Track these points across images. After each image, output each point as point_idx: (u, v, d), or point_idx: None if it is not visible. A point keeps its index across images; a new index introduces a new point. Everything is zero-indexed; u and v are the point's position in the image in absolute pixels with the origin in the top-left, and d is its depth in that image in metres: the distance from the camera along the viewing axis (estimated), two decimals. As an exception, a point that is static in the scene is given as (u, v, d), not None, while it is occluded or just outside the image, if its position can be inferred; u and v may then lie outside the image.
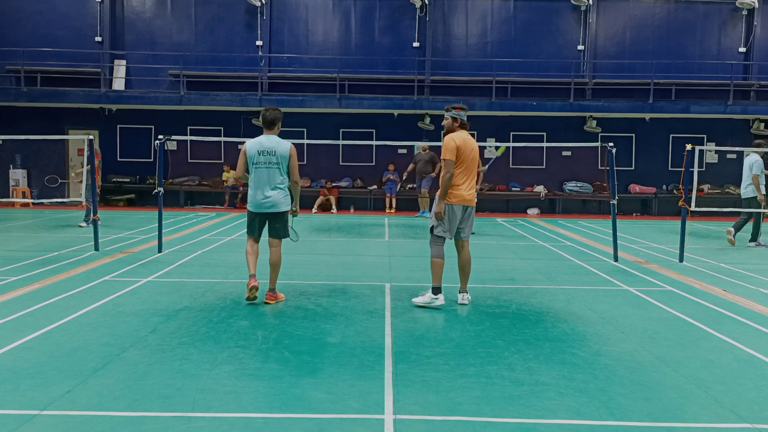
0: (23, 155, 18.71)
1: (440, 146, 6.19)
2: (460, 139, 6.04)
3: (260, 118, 6.22)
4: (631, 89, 18.98)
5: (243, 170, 6.14)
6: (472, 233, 6.65)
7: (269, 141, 6.00)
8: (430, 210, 14.93)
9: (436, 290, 6.07)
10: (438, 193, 6.09)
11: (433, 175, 16.23)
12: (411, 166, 16.93)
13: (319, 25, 19.33)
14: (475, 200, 6.27)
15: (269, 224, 6.16)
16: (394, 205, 18.08)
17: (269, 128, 6.08)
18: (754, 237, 11.37)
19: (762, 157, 11.38)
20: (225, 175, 18.48)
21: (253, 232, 6.19)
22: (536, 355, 4.62)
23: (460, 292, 6.29)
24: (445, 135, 6.20)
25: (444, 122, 6.26)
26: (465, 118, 6.22)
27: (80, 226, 12.39)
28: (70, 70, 18.49)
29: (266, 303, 6.08)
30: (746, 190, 11.36)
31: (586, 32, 19.07)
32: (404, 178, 17.63)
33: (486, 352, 4.68)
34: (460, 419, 3.44)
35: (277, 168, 5.98)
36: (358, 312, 5.86)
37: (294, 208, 6.26)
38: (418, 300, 6.12)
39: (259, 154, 5.98)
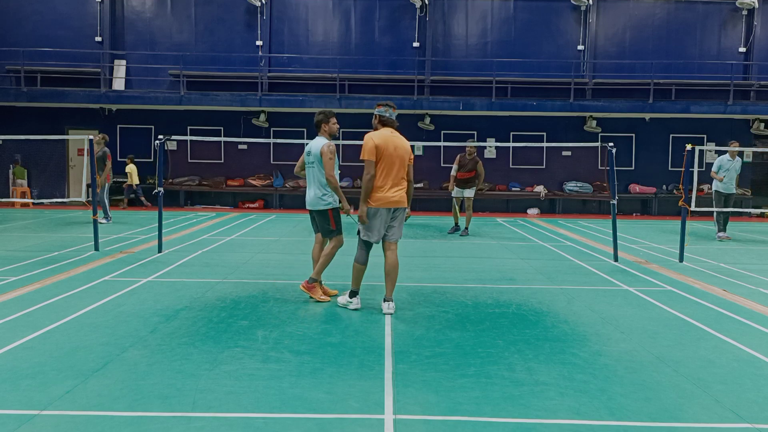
0: (23, 155, 18.69)
1: (441, 147, 6.05)
2: (381, 137, 5.75)
3: None
4: (631, 89, 18.98)
5: (299, 167, 6.58)
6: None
7: (313, 142, 6.28)
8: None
9: (353, 294, 5.95)
10: (361, 196, 5.82)
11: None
12: None
13: (319, 25, 19.33)
14: (406, 201, 5.89)
15: (317, 222, 6.41)
16: None
17: (317, 131, 6.36)
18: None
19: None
20: (128, 168, 17.92)
21: (313, 229, 6.54)
22: (536, 355, 4.62)
23: (384, 300, 5.83)
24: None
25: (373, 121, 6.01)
26: (388, 115, 5.89)
27: (101, 223, 12.30)
28: (70, 70, 18.49)
29: (300, 289, 6.35)
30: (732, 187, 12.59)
31: (586, 32, 19.07)
32: None
33: (486, 352, 4.68)
34: (460, 419, 3.44)
35: (313, 167, 6.22)
36: (358, 312, 5.87)
37: (342, 206, 6.30)
38: (339, 299, 6.12)
39: (306, 155, 6.33)
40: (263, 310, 5.88)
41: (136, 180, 17.90)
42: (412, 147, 6.21)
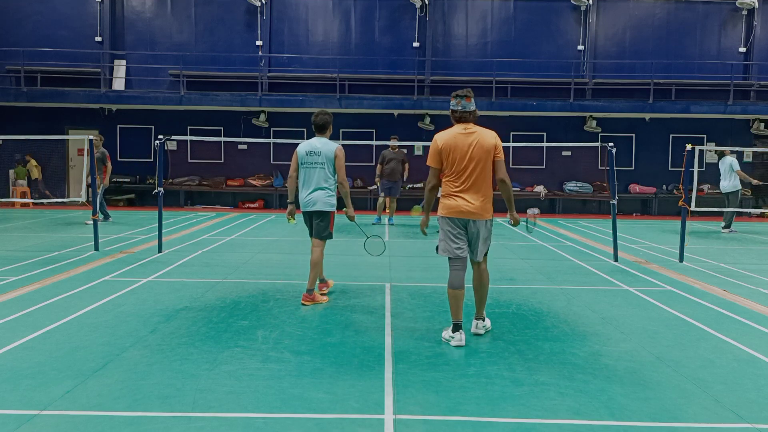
0: (23, 155, 18.69)
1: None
2: (446, 138, 4.89)
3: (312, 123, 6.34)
4: (631, 89, 18.98)
5: (293, 170, 6.28)
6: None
7: (318, 142, 6.17)
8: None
9: (455, 327, 4.83)
10: (424, 206, 5.28)
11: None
12: (379, 167, 14.11)
13: (319, 25, 19.33)
14: (486, 212, 5.15)
15: (313, 223, 6.22)
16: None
17: (320, 132, 6.24)
18: (728, 224, 13.47)
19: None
20: (28, 165, 18.32)
21: (309, 233, 6.34)
22: (536, 355, 4.62)
23: (474, 318, 5.19)
24: None
25: None
26: (460, 108, 4.89)
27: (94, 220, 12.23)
28: (70, 70, 18.48)
29: (302, 304, 6.09)
30: (727, 185, 13.27)
31: (586, 32, 19.07)
32: (377, 183, 14.47)
33: (486, 352, 4.68)
34: (460, 419, 3.44)
35: (321, 168, 6.10)
36: (358, 312, 5.86)
37: (347, 211, 6.33)
38: (444, 333, 5.01)
39: (307, 155, 6.15)
40: (263, 310, 5.88)
41: (37, 175, 18.53)
42: (411, 148, 6.13)
